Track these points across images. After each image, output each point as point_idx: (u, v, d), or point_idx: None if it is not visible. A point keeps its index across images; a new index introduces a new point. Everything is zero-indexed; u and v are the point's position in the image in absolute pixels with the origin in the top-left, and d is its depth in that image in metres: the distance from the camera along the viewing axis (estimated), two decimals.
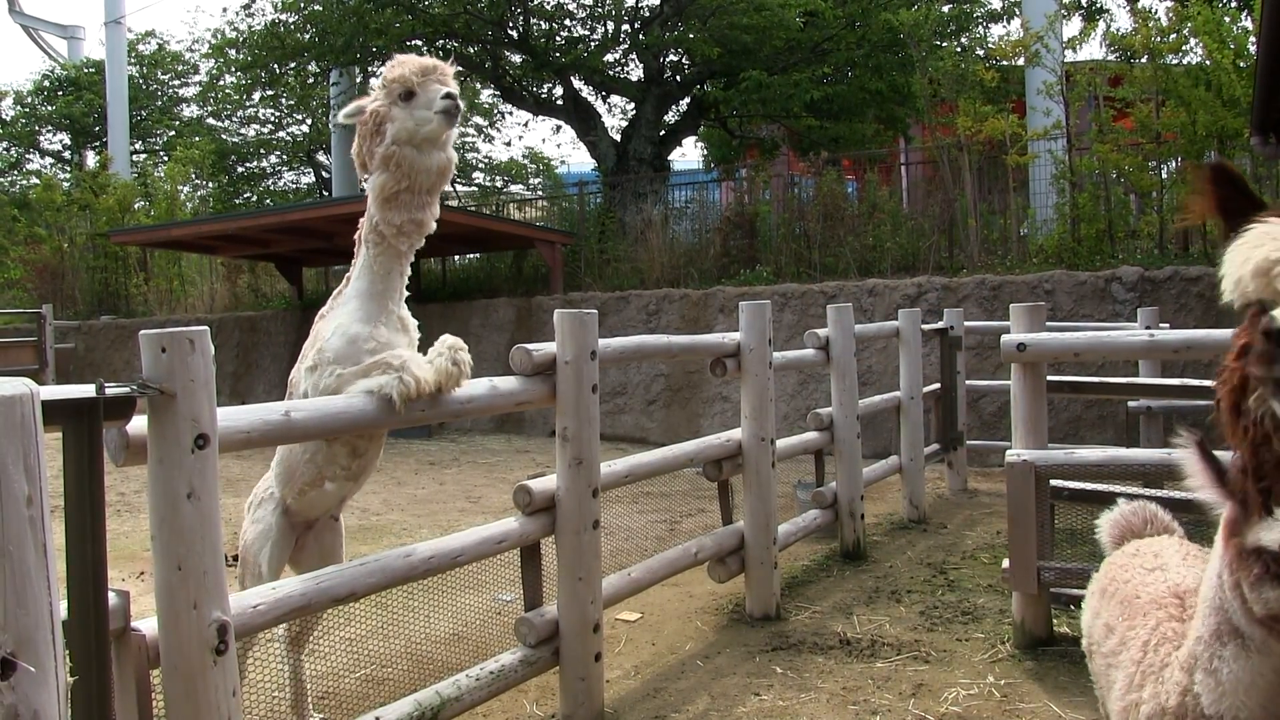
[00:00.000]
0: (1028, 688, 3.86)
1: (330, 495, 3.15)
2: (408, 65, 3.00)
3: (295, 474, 3.08)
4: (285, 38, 15.99)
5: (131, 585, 5.42)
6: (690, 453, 4.67)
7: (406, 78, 2.96)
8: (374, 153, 3.00)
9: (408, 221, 3.01)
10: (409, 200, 3.00)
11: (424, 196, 3.03)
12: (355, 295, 3.09)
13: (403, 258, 3.09)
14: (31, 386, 1.58)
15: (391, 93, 2.98)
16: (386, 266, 3.06)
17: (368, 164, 3.06)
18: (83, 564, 1.88)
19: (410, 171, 2.97)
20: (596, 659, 3.62)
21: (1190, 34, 10.20)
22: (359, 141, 3.08)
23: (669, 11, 15.20)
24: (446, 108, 2.96)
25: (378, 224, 3.03)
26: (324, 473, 3.05)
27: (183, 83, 29.54)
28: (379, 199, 3.01)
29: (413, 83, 2.96)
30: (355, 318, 3.03)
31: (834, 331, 6.00)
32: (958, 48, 14.68)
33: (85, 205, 19.36)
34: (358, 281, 3.10)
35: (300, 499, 3.14)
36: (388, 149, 2.96)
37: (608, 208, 14.93)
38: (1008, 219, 11.85)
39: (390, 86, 2.99)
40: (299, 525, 3.27)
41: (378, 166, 3.00)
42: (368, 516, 7.67)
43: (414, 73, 2.97)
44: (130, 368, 15.18)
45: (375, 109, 3.00)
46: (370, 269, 3.07)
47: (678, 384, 11.64)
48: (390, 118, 2.97)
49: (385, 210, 3.01)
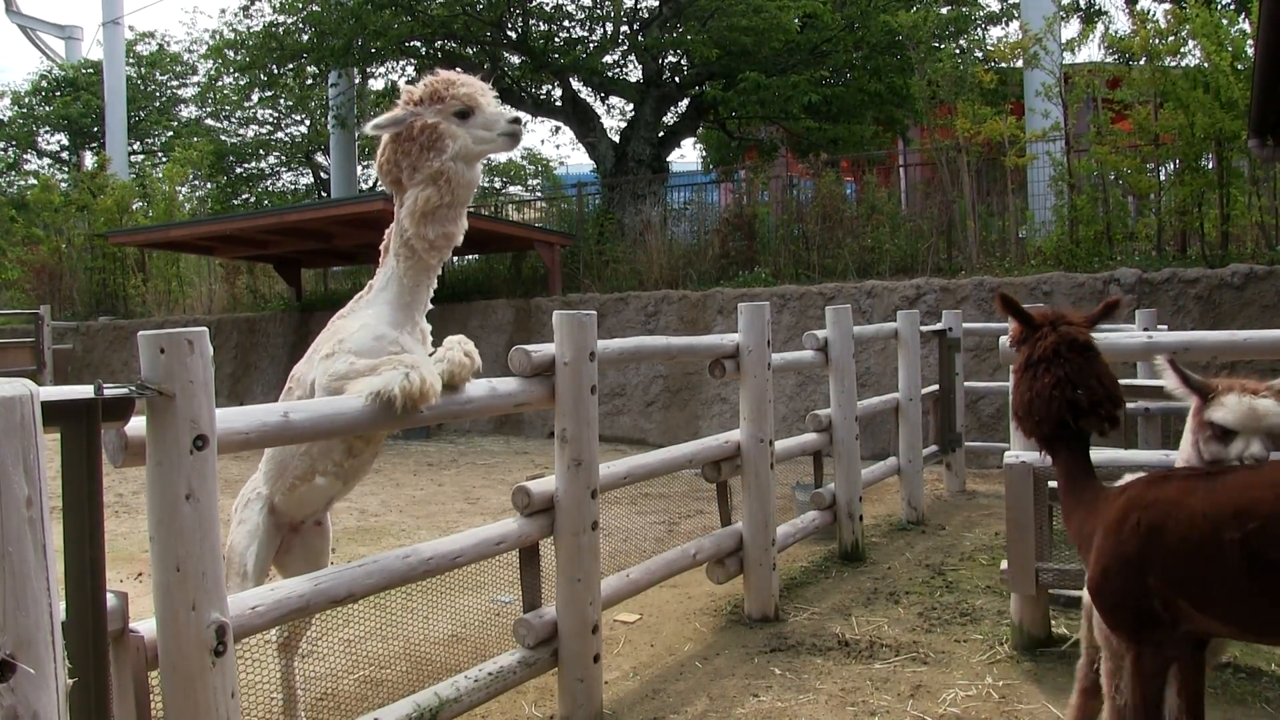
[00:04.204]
0: (1026, 689, 3.86)
1: (320, 492, 3.15)
2: (470, 84, 3.06)
3: (287, 468, 3.08)
4: (284, 39, 15.98)
5: (130, 586, 5.42)
6: (689, 454, 4.68)
7: (472, 96, 3.03)
8: (423, 166, 3.00)
9: (441, 236, 3.05)
10: (446, 214, 3.04)
11: (459, 210, 3.09)
12: (385, 302, 3.10)
13: (431, 271, 3.14)
14: (30, 387, 1.58)
15: (447, 109, 3.01)
16: (415, 280, 3.11)
17: (405, 176, 3.05)
18: (81, 565, 1.87)
19: (457, 187, 3.02)
20: (595, 660, 3.62)
21: (1188, 36, 10.21)
22: (395, 154, 3.06)
23: (668, 13, 15.21)
24: (515, 131, 3.07)
25: (410, 238, 3.04)
26: (317, 467, 3.05)
27: (181, 83, 29.55)
28: (418, 212, 3.00)
29: (477, 101, 3.04)
30: (384, 320, 3.05)
31: (833, 333, 6.00)
32: (956, 50, 14.71)
33: (83, 206, 19.34)
34: (385, 290, 3.11)
35: (290, 495, 3.13)
36: (444, 164, 2.98)
37: (606, 209, 14.94)
38: (1006, 221, 11.86)
39: (448, 103, 3.02)
40: (284, 527, 3.27)
41: (424, 180, 3.01)
42: (366, 517, 7.66)
43: (478, 92, 3.05)
44: (129, 369, 15.17)
45: (429, 123, 3.01)
46: (400, 281, 3.09)
47: (676, 385, 11.64)
48: (450, 134, 3.00)
49: (422, 225, 3.02)
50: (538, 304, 12.87)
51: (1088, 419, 2.63)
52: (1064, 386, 2.61)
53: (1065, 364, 2.63)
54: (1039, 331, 2.73)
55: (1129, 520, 2.44)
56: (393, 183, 3.12)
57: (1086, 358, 2.65)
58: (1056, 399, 2.62)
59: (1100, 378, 2.65)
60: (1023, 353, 2.77)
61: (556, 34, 16.51)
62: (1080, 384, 2.61)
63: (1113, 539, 2.46)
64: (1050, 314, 2.77)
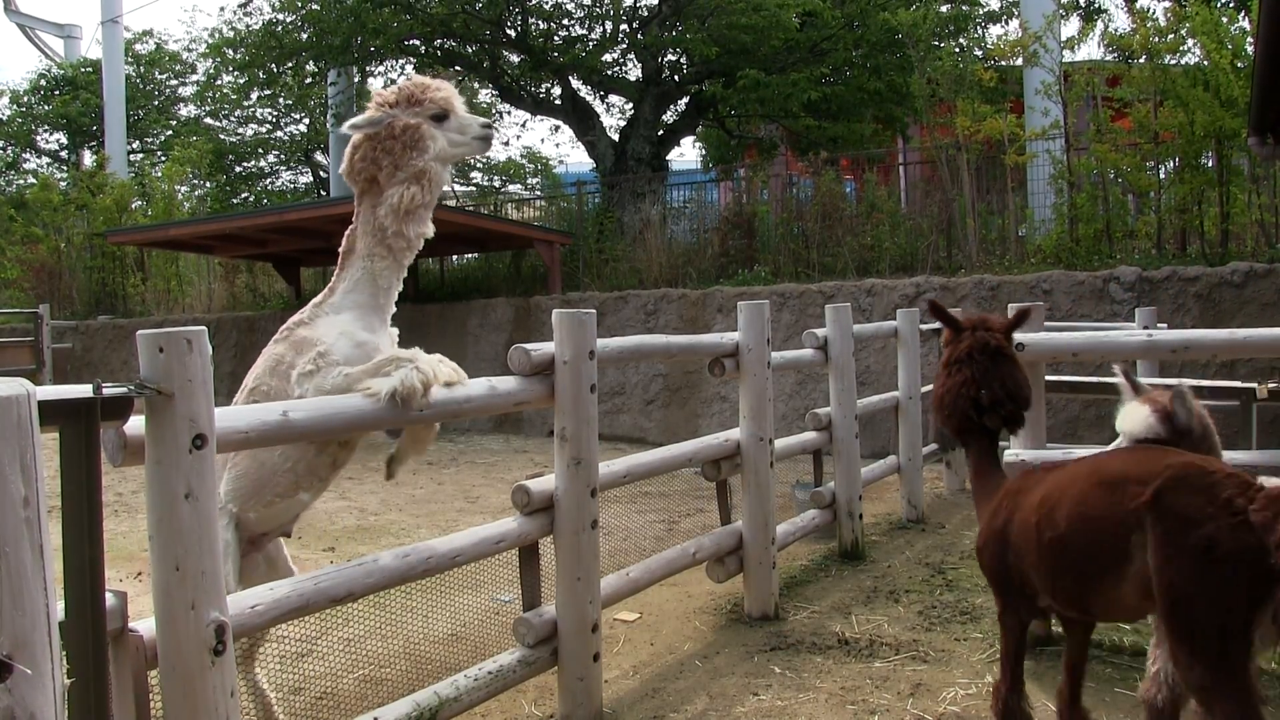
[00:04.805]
0: (1026, 688, 3.85)
1: (300, 505, 3.14)
2: (444, 88, 3.18)
3: (267, 485, 3.02)
4: (283, 37, 15.95)
5: (129, 586, 5.41)
6: (689, 453, 4.67)
7: (449, 100, 3.16)
8: (405, 165, 3.07)
9: (419, 235, 3.13)
10: (425, 214, 3.14)
11: (430, 210, 3.18)
12: (356, 305, 3.09)
13: (403, 270, 3.19)
14: (28, 387, 1.58)
15: (425, 111, 3.11)
16: (389, 280, 3.14)
17: (384, 176, 3.10)
18: (80, 565, 1.87)
19: (436, 186, 3.13)
20: (595, 659, 3.62)
21: (1188, 34, 10.21)
22: (374, 153, 3.10)
23: (667, 11, 15.19)
24: (487, 135, 3.24)
25: (389, 237, 3.08)
26: (301, 483, 3.02)
27: (180, 82, 29.47)
28: (400, 211, 3.05)
29: (453, 105, 3.16)
30: (359, 326, 3.05)
31: (832, 331, 6.00)
32: (956, 48, 14.68)
33: (82, 205, 19.31)
34: (354, 294, 3.11)
35: (267, 510, 3.07)
36: (426, 164, 3.07)
37: (606, 208, 14.92)
38: (1006, 219, 11.85)
39: (426, 106, 3.12)
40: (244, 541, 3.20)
41: (408, 179, 3.07)
42: (366, 516, 7.66)
43: (452, 96, 3.19)
44: (128, 368, 15.15)
45: (411, 124, 3.08)
46: (375, 282, 3.11)
47: (676, 384, 11.64)
48: (430, 135, 3.10)
49: (404, 223, 3.07)
50: (537, 303, 12.86)
51: (989, 416, 2.95)
52: (969, 386, 2.94)
53: (974, 366, 2.95)
54: (960, 335, 3.04)
55: (1000, 506, 2.82)
56: (367, 181, 3.15)
57: (995, 361, 2.96)
58: (963, 396, 2.95)
59: (1004, 380, 2.94)
60: (945, 353, 3.09)
61: (556, 32, 16.49)
62: (984, 384, 2.93)
63: (987, 520, 2.87)
64: (973, 319, 3.08)
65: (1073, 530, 2.47)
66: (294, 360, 3.02)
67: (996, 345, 2.97)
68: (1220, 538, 2.17)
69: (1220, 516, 2.18)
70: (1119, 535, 2.36)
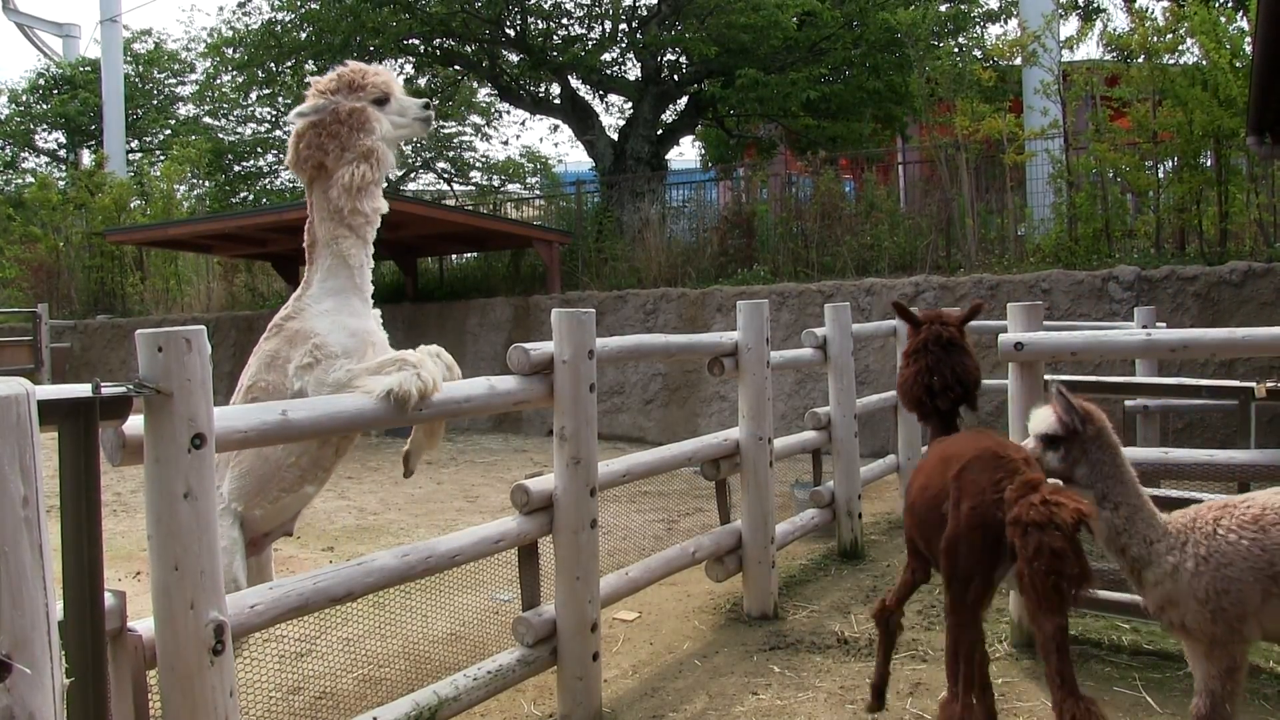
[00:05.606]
0: (1025, 686, 3.86)
1: (304, 499, 3.17)
2: (381, 73, 3.37)
3: (272, 480, 3.06)
4: (282, 37, 15.94)
5: (128, 585, 5.41)
6: (688, 452, 4.67)
7: (389, 84, 3.34)
8: (352, 145, 3.21)
9: (374, 210, 3.27)
10: (375, 191, 3.28)
11: (380, 188, 3.34)
12: (336, 291, 3.16)
13: (369, 246, 3.29)
14: (27, 386, 1.58)
15: (368, 95, 3.28)
16: (359, 258, 3.24)
17: (331, 160, 3.22)
18: (79, 564, 1.87)
19: (384, 165, 3.28)
20: (594, 658, 3.62)
21: (1187, 34, 10.20)
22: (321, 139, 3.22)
23: (666, 11, 15.19)
24: (427, 116, 3.45)
25: (347, 216, 3.20)
26: (306, 476, 3.05)
27: (179, 81, 29.43)
28: (353, 189, 3.18)
29: (393, 89, 3.35)
30: (347, 312, 3.09)
31: (831, 331, 6.00)
32: (955, 47, 14.68)
33: (81, 204, 19.29)
34: (330, 280, 3.19)
35: (273, 505, 3.11)
36: (374, 143, 3.23)
37: (605, 207, 14.92)
38: (1005, 218, 11.86)
39: (368, 90, 3.28)
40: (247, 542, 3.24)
41: (356, 158, 3.20)
42: (365, 516, 7.66)
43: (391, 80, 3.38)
44: (127, 367, 15.15)
45: (356, 107, 3.24)
46: (345, 263, 3.21)
47: (675, 383, 11.64)
48: (375, 117, 3.27)
49: (359, 199, 3.19)
50: (536, 302, 12.86)
51: (940, 398, 3.31)
52: (924, 374, 3.31)
53: (928, 355, 3.32)
54: (919, 329, 3.39)
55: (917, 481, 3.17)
56: (315, 167, 3.26)
57: (947, 351, 3.32)
58: (918, 383, 3.33)
59: (954, 367, 3.30)
60: (907, 345, 3.47)
61: (555, 32, 16.49)
62: (936, 372, 3.29)
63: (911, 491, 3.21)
64: (930, 314, 3.43)
65: (921, 498, 3.01)
66: (289, 354, 3.04)
67: (949, 337, 3.33)
68: (980, 508, 2.71)
69: (987, 492, 2.71)
70: (940, 501, 2.86)
